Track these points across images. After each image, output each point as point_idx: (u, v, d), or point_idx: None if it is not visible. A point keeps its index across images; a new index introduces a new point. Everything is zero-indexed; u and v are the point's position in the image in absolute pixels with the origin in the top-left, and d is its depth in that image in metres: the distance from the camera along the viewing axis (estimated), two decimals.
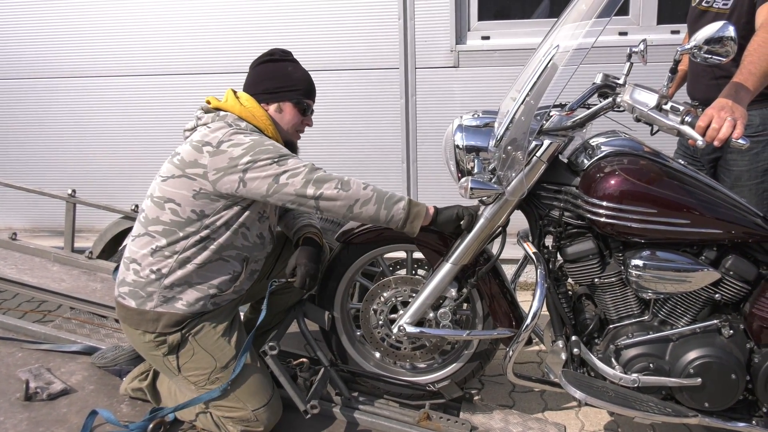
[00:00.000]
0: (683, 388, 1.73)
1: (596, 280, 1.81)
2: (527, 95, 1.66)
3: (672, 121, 1.58)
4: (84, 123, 3.67)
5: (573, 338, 1.84)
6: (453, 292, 1.96)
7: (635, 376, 1.74)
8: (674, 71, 1.59)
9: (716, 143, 1.53)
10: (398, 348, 2.14)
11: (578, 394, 1.74)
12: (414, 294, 2.04)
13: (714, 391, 1.72)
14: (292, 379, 1.98)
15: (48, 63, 3.61)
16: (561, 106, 1.82)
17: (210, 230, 1.84)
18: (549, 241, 1.86)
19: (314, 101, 2.05)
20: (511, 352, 1.85)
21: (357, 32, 3.33)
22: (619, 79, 1.77)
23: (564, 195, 1.80)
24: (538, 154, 1.75)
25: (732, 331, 1.72)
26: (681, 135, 1.58)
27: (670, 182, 1.67)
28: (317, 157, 2.13)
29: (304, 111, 2.01)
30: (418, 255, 2.08)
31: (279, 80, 1.96)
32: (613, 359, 1.78)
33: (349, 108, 3.43)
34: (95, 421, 1.96)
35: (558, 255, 1.85)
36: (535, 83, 1.65)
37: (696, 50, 1.53)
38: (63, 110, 3.67)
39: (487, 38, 3.31)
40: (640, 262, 1.69)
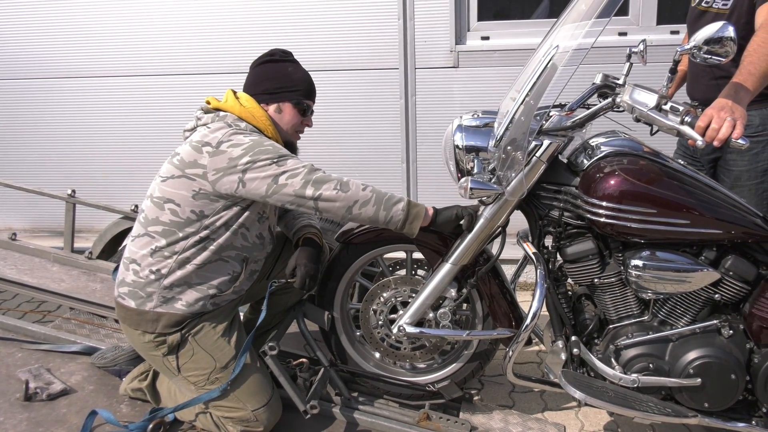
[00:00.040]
0: (683, 389, 1.73)
1: (596, 281, 1.81)
2: (527, 95, 1.66)
3: (672, 122, 1.58)
4: (83, 123, 3.67)
5: (573, 338, 1.84)
6: (453, 293, 1.96)
7: (635, 377, 1.74)
8: (674, 71, 1.59)
9: (716, 143, 1.53)
10: (398, 348, 2.14)
11: (578, 395, 1.74)
12: (414, 294, 2.04)
13: (714, 392, 1.72)
14: (292, 380, 1.98)
15: (48, 63, 3.60)
16: (561, 107, 1.82)
17: (209, 231, 1.84)
18: (549, 242, 1.86)
19: (314, 102, 2.05)
20: (511, 353, 1.85)
21: (357, 32, 3.33)
22: (619, 80, 1.78)
23: (564, 195, 1.80)
24: (538, 154, 1.75)
25: (732, 332, 1.72)
26: (681, 135, 1.58)
27: (670, 182, 1.67)
28: (317, 157, 2.13)
29: (304, 111, 2.01)
30: (418, 255, 2.08)
31: (279, 81, 1.96)
32: (613, 359, 1.78)
33: (349, 108, 3.43)
34: (95, 422, 1.96)
35: (558, 255, 1.85)
36: (535, 83, 1.65)
37: (695, 50, 1.53)
38: (62, 110, 3.67)
39: (487, 38, 3.31)
40: (640, 263, 1.69)
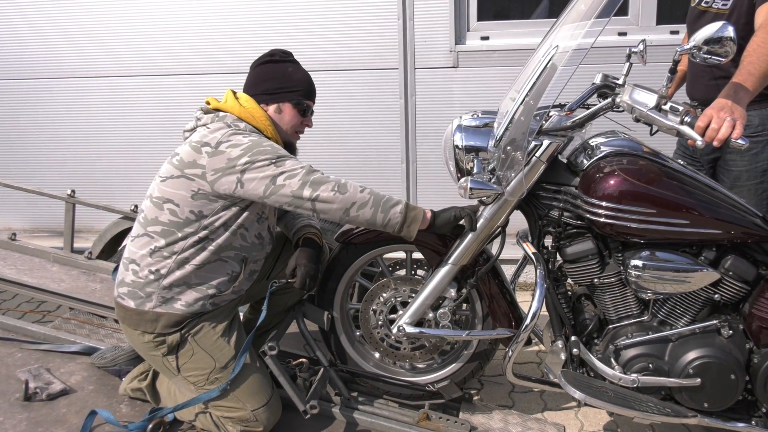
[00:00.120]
0: (682, 389, 1.73)
1: (596, 281, 1.81)
2: (526, 95, 1.66)
3: (671, 122, 1.58)
4: (83, 123, 3.67)
5: (572, 338, 1.84)
6: (452, 293, 1.96)
7: (634, 377, 1.74)
8: (673, 71, 1.59)
9: (715, 143, 1.53)
10: (398, 348, 2.14)
11: (578, 395, 1.74)
12: (413, 294, 2.04)
13: (713, 392, 1.72)
14: (292, 380, 1.98)
15: (47, 63, 3.60)
16: (560, 107, 1.82)
17: (208, 231, 1.84)
18: (548, 242, 1.86)
19: (314, 102, 2.05)
20: (511, 353, 1.85)
21: (357, 32, 3.33)
22: (619, 80, 1.78)
23: (563, 195, 1.80)
24: (538, 155, 1.75)
25: (731, 332, 1.72)
26: (680, 135, 1.58)
27: (670, 182, 1.66)
28: (317, 157, 2.14)
29: (304, 112, 2.00)
30: (418, 255, 2.08)
31: (279, 81, 1.95)
32: (613, 359, 1.78)
33: (349, 108, 3.43)
34: (94, 422, 1.96)
35: (557, 255, 1.85)
36: (535, 83, 1.65)
37: (695, 50, 1.53)
38: (62, 110, 3.67)
39: (487, 38, 3.31)
40: (640, 263, 1.69)
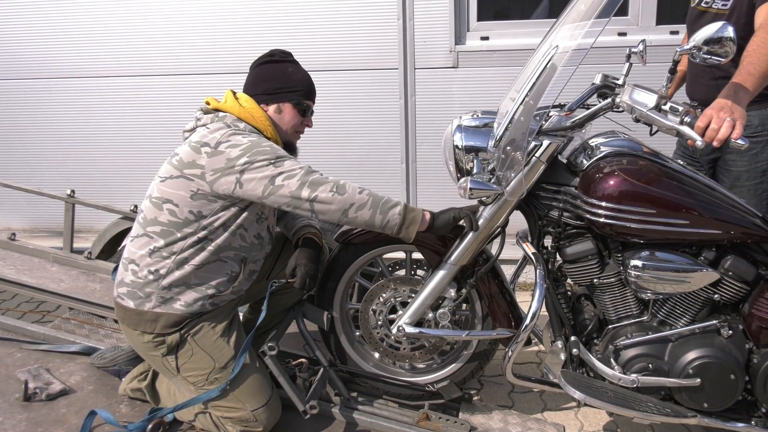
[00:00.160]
0: (682, 389, 1.73)
1: (595, 281, 1.81)
2: (526, 95, 1.66)
3: (671, 122, 1.58)
4: (83, 123, 3.67)
5: (572, 338, 1.84)
6: (452, 293, 1.96)
7: (634, 377, 1.74)
8: (673, 72, 1.59)
9: (715, 143, 1.53)
10: (397, 348, 2.14)
11: (577, 395, 1.74)
12: (413, 294, 2.04)
13: (713, 392, 1.72)
14: (291, 380, 1.98)
15: (47, 63, 3.60)
16: (560, 107, 1.82)
17: (208, 231, 1.84)
18: (548, 242, 1.86)
19: (314, 102, 2.05)
20: (510, 353, 1.85)
21: (357, 32, 3.33)
22: (619, 80, 1.78)
23: (563, 195, 1.80)
24: (538, 155, 1.75)
25: (731, 332, 1.72)
26: (680, 135, 1.58)
27: (669, 183, 1.66)
28: (317, 158, 2.14)
29: (304, 112, 2.00)
30: (418, 255, 2.08)
31: (279, 81, 1.95)
32: (612, 359, 1.78)
33: (349, 108, 3.43)
34: (94, 422, 1.96)
35: (557, 255, 1.85)
36: (535, 83, 1.65)
37: (695, 51, 1.53)
38: (61, 110, 3.67)
39: (487, 39, 3.31)
40: (639, 263, 1.69)
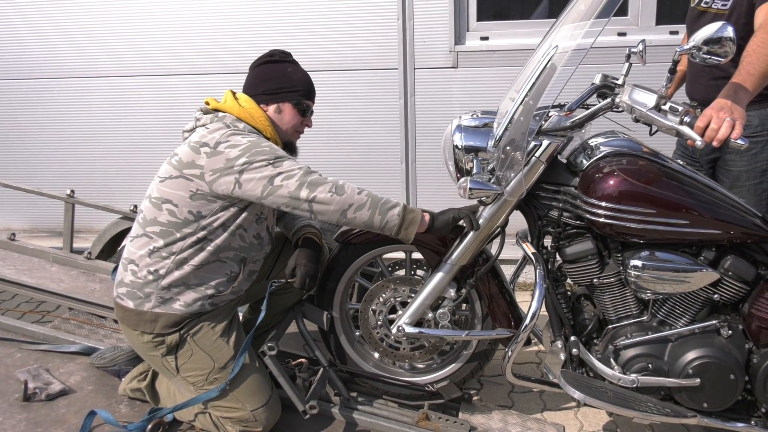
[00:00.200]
0: (682, 389, 1.73)
1: (595, 281, 1.81)
2: (526, 95, 1.66)
3: (671, 122, 1.58)
4: (83, 123, 3.67)
5: (572, 338, 1.84)
6: (452, 293, 1.95)
7: (634, 377, 1.74)
8: (673, 72, 1.59)
9: (715, 143, 1.53)
10: (397, 348, 2.14)
11: (577, 395, 1.74)
12: (413, 294, 2.04)
13: (713, 392, 1.72)
14: (291, 380, 1.98)
15: (47, 64, 3.60)
16: (560, 107, 1.82)
17: (207, 231, 1.84)
18: (548, 242, 1.86)
19: (314, 102, 2.05)
20: (510, 353, 1.85)
21: (356, 32, 3.33)
22: (618, 80, 1.78)
23: (563, 195, 1.80)
24: (537, 155, 1.75)
25: (731, 332, 1.72)
26: (680, 135, 1.58)
27: (669, 182, 1.66)
28: (317, 157, 2.14)
29: (304, 112, 2.00)
30: (418, 255, 2.08)
31: (278, 81, 1.95)
32: (612, 359, 1.78)
33: (348, 108, 3.43)
34: (94, 422, 1.96)
35: (557, 255, 1.85)
36: (534, 83, 1.65)
37: (695, 51, 1.53)
38: (61, 110, 3.67)
39: (486, 39, 3.31)
40: (639, 263, 1.69)
